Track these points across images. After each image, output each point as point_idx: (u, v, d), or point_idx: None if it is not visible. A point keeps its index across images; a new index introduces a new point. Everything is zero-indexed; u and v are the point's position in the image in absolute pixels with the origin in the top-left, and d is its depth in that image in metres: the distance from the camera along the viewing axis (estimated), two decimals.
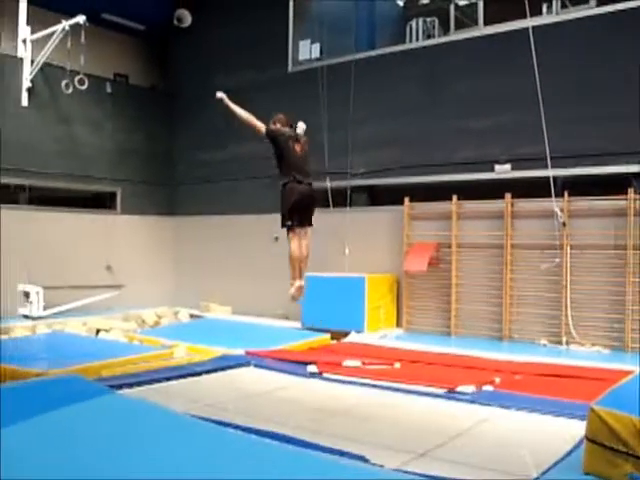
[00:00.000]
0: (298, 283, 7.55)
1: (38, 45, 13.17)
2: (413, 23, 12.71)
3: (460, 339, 11.11)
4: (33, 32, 13.22)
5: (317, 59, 13.77)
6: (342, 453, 4.94)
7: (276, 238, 13.73)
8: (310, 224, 7.58)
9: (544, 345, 10.37)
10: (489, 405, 6.76)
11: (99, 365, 8.41)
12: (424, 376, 7.88)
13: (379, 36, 13.65)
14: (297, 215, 7.30)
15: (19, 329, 11.60)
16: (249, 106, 14.44)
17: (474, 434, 5.89)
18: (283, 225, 7.40)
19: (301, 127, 7.85)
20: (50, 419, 5.39)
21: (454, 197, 11.47)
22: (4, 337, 11.01)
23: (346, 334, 11.19)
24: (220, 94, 7.93)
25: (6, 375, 7.93)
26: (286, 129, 7.70)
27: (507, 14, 11.12)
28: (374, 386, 7.66)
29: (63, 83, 12.82)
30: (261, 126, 7.61)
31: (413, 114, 12.22)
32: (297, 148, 7.53)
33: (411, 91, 12.29)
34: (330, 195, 12.77)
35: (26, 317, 12.38)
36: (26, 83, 13.32)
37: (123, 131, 15.25)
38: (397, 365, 8.63)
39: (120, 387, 7.13)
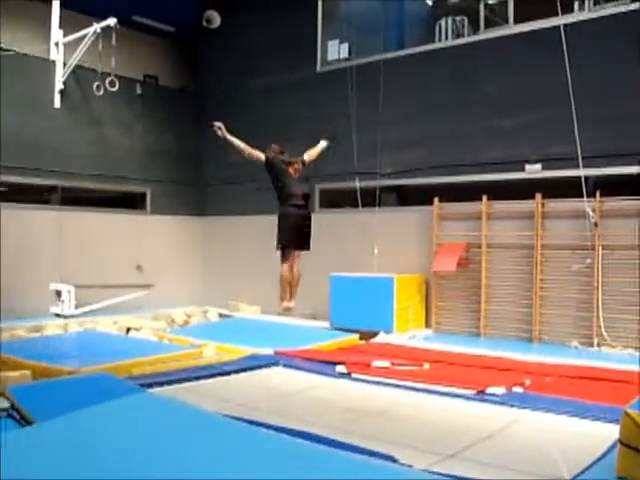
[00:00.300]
0: (285, 304, 7.62)
1: (70, 48, 13.37)
2: (442, 22, 12.64)
3: (489, 340, 11.03)
4: (65, 35, 13.43)
5: (346, 59, 13.76)
6: (372, 453, 4.94)
7: None
8: (307, 248, 7.91)
9: (575, 347, 10.25)
10: (519, 407, 6.69)
11: (129, 363, 8.51)
12: (453, 377, 7.83)
13: (408, 35, 13.61)
14: (293, 239, 7.35)
15: (51, 327, 11.77)
16: (279, 106, 14.66)
17: (504, 436, 5.84)
18: (277, 248, 7.54)
19: (321, 145, 7.97)
20: (81, 417, 5.47)
21: (484, 197, 11.39)
22: (37, 335, 11.20)
23: (375, 334, 11.16)
24: (218, 124, 8.11)
25: (37, 373, 8.07)
26: (280, 156, 8.03)
27: (538, 12, 11.01)
28: (403, 387, 7.63)
29: (94, 85, 12.97)
30: (260, 154, 7.89)
31: (442, 114, 12.16)
32: (292, 173, 7.84)
33: (440, 91, 12.23)
34: (359, 195, 12.76)
35: (58, 316, 12.55)
36: (58, 85, 13.53)
37: (153, 132, 15.39)
38: (426, 366, 8.59)
39: (150, 386, 7.19)
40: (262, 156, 7.87)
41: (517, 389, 7.43)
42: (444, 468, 4.82)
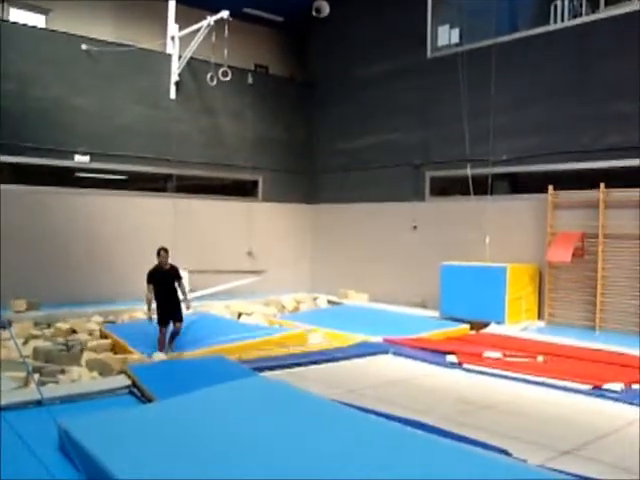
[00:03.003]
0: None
1: (185, 41, 13.82)
2: (558, 2, 12.16)
3: (605, 334, 10.60)
4: (180, 29, 13.89)
5: (456, 44, 13.51)
6: (485, 445, 4.88)
7: (414, 227, 13.73)
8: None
9: None
10: (639, 405, 6.42)
11: (240, 345, 8.81)
12: (569, 371, 7.61)
13: (521, 18, 13.19)
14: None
15: None
16: (388, 94, 14.59)
17: (622, 435, 5.62)
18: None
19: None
20: (199, 397, 5.69)
21: (601, 185, 10.92)
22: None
23: (485, 325, 10.98)
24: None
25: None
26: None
27: None
28: (516, 379, 7.49)
29: (208, 76, 13.35)
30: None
31: (558, 98, 11.73)
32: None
33: (556, 74, 11.80)
34: (471, 183, 12.54)
35: None
36: (174, 77, 14.01)
37: (264, 121, 15.69)
38: (540, 358, 8.37)
39: (261, 370, 7.37)
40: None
41: (637, 386, 7.12)
42: (559, 465, 4.71)
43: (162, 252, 9.26)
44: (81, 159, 12.72)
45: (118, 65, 13.26)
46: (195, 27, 13.37)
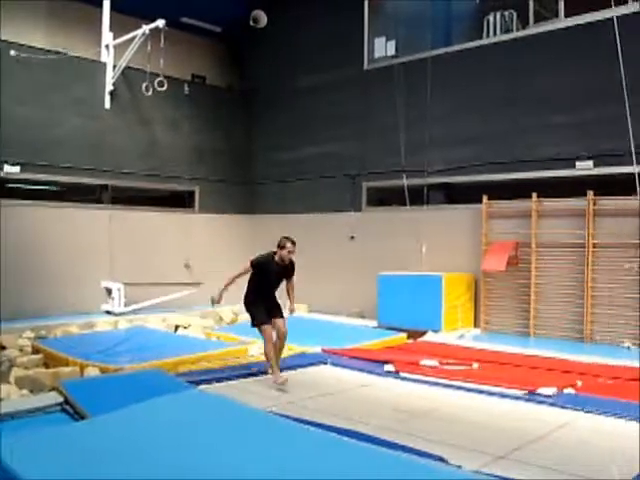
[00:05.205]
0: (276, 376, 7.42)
1: (120, 50, 13.60)
2: (490, 17, 12.46)
3: (539, 340, 10.85)
4: (115, 37, 13.65)
5: (393, 56, 13.71)
6: (421, 453, 4.90)
7: (352, 237, 13.80)
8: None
9: (628, 348, 10.02)
10: (571, 408, 6.57)
11: (177, 360, 8.66)
12: (503, 377, 7.73)
13: (455, 32, 13.49)
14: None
15: (102, 324, 12.00)
16: (325, 104, 14.69)
17: (555, 438, 5.73)
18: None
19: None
20: (133, 412, 5.56)
21: (534, 195, 11.21)
22: (88, 332, 11.44)
23: (423, 333, 11.09)
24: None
25: (85, 369, 8.27)
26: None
27: (589, 4, 10.78)
28: (452, 386, 7.56)
29: (143, 85, 13.17)
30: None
31: (491, 110, 12.01)
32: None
33: (489, 87, 12.08)
34: (407, 193, 12.70)
35: (108, 313, 12.79)
36: (108, 87, 13.77)
37: (201, 131, 15.57)
38: (475, 365, 8.50)
39: (198, 383, 7.27)
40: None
41: (569, 390, 7.29)
42: (494, 469, 4.76)
43: (289, 244, 7.48)
44: (10, 169, 12.32)
45: (50, 73, 12.91)
46: (130, 35, 13.16)
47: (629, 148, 9.31)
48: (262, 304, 7.46)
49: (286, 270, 7.57)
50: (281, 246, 7.45)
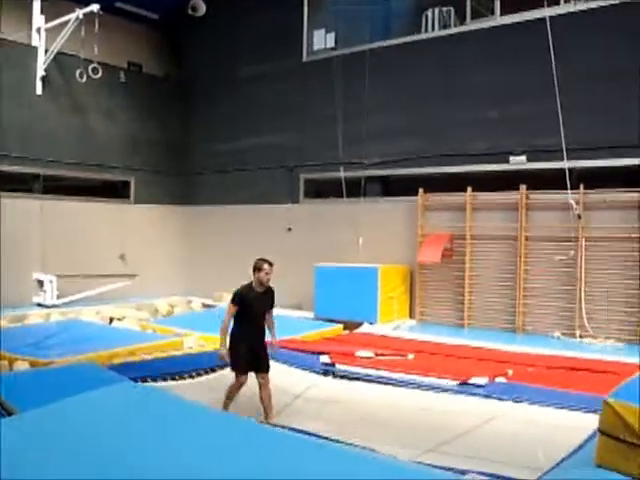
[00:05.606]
0: None
1: (52, 34, 13.19)
2: (429, 12, 12.61)
3: (473, 331, 11.08)
4: (47, 21, 13.24)
5: (332, 49, 13.72)
6: (351, 445, 4.93)
7: (289, 229, 13.78)
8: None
9: (557, 338, 10.33)
10: (502, 397, 6.73)
11: (111, 353, 8.49)
12: (437, 367, 7.86)
13: (395, 26, 13.58)
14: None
15: (33, 317, 11.68)
16: (265, 95, 14.62)
17: (486, 426, 5.86)
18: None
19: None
20: (63, 407, 5.42)
21: (469, 188, 11.41)
22: (18, 325, 11.12)
23: (359, 325, 11.17)
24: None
25: (15, 363, 8.04)
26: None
27: (525, 3, 11.01)
28: (387, 377, 7.64)
29: (77, 72, 12.83)
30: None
31: (429, 104, 12.15)
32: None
33: (427, 81, 12.22)
34: (344, 185, 12.75)
35: (40, 305, 12.47)
36: (40, 72, 13.34)
37: (137, 120, 15.28)
38: (410, 356, 8.62)
39: (133, 376, 7.13)
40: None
41: (500, 379, 7.47)
42: (426, 460, 4.82)
43: (266, 266, 6.83)
44: None
45: None
46: (63, 19, 12.77)
47: (561, 144, 9.53)
48: (245, 344, 6.65)
49: (267, 296, 6.97)
50: (258, 268, 6.90)
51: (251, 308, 6.69)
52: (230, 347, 6.56)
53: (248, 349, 6.53)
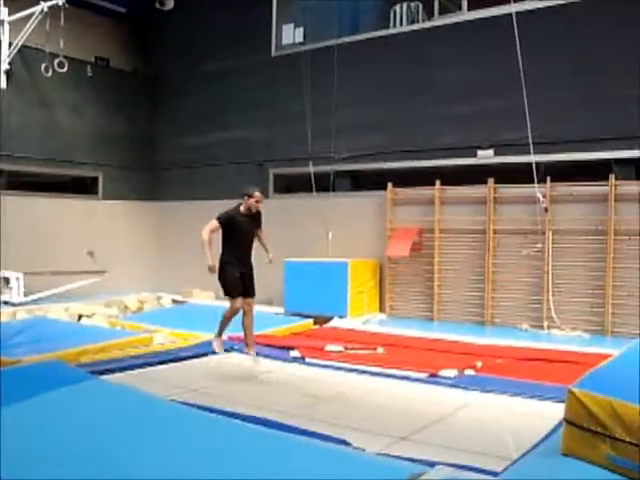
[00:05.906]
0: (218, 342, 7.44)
1: (16, 27, 12.97)
2: (397, 8, 12.64)
3: (442, 324, 11.17)
4: (10, 13, 13.00)
5: (300, 43, 13.70)
6: (324, 437, 4.95)
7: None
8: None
9: (525, 330, 10.45)
10: (471, 389, 6.80)
11: (80, 350, 8.39)
12: (407, 361, 7.91)
13: (363, 20, 13.58)
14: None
15: None
16: (234, 90, 14.52)
17: (456, 418, 5.91)
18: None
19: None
20: (30, 406, 5.35)
21: (437, 182, 11.49)
22: None
23: (329, 319, 11.20)
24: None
25: None
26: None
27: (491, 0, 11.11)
28: (356, 371, 7.68)
29: (42, 66, 12.66)
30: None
31: (397, 99, 12.20)
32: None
33: (395, 76, 12.25)
34: (313, 180, 12.75)
35: (6, 303, 12.27)
36: (4, 65, 13.11)
37: (104, 115, 15.11)
38: (380, 350, 8.65)
39: (102, 372, 7.09)
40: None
41: (469, 372, 7.54)
42: (396, 451, 4.85)
43: (258, 193, 7.21)
44: None
45: None
46: (28, 12, 12.58)
47: (528, 138, 9.63)
48: (236, 270, 7.10)
49: (254, 220, 7.27)
50: (248, 195, 7.13)
51: (238, 230, 7.04)
52: (223, 274, 7.01)
53: (241, 275, 6.98)
